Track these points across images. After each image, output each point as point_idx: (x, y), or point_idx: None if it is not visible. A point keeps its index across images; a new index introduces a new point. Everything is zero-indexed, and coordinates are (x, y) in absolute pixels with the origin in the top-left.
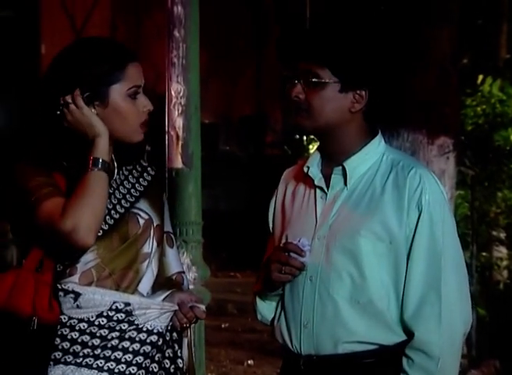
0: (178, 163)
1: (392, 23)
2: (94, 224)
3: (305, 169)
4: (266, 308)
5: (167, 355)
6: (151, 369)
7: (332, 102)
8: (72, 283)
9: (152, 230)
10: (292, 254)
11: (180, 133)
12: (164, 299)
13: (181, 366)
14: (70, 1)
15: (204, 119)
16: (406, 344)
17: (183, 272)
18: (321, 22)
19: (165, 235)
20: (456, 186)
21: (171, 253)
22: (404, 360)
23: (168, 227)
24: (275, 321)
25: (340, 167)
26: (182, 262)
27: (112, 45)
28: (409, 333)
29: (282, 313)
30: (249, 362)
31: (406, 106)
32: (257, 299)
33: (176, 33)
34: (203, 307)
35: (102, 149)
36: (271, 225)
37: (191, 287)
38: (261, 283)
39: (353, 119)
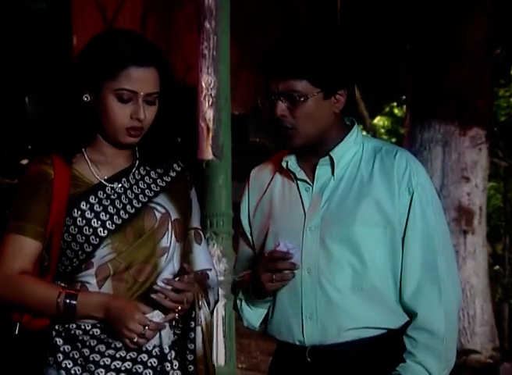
0: (208, 155)
1: (424, 14)
2: (4, 299)
3: (284, 164)
4: (253, 315)
5: (167, 367)
6: None
7: (318, 112)
8: (89, 276)
9: (170, 224)
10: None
11: (211, 124)
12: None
13: (191, 370)
14: None
15: (234, 111)
16: (407, 327)
17: (210, 269)
18: (289, 38)
19: (193, 231)
20: (488, 177)
21: (198, 249)
22: (407, 341)
23: (196, 223)
24: (269, 318)
25: (327, 157)
26: (212, 253)
27: (124, 43)
28: (410, 315)
29: (278, 309)
30: None
31: (438, 97)
32: (244, 306)
33: (207, 25)
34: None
35: (87, 308)
36: (247, 227)
37: (221, 278)
38: (249, 291)
39: (336, 117)
